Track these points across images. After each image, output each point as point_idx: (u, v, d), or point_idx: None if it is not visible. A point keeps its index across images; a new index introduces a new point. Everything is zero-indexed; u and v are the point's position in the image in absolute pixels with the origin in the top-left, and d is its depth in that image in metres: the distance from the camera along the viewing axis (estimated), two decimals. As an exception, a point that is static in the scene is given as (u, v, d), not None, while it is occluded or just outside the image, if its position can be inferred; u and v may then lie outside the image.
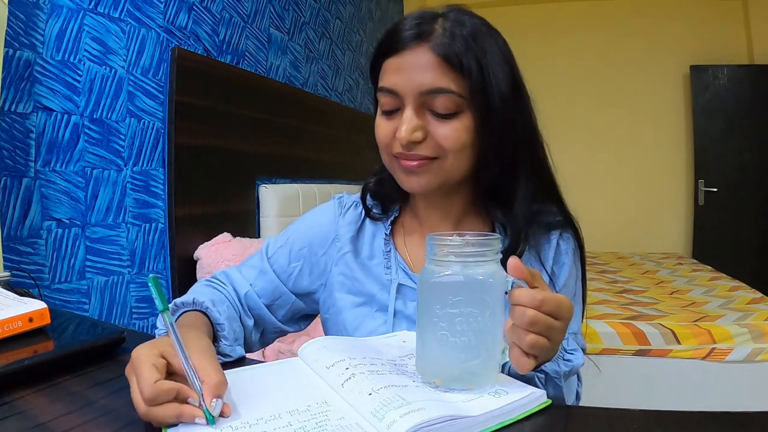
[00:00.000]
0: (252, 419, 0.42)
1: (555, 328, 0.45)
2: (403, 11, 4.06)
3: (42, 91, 1.23)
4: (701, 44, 3.73)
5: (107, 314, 1.41)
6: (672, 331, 1.79)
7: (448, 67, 0.57)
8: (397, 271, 0.68)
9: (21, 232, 1.19)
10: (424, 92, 0.57)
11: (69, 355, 0.57)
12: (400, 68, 0.58)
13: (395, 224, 0.73)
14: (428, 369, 0.47)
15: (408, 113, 0.58)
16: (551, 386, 0.54)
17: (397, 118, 0.60)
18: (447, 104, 0.57)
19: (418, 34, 0.58)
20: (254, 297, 0.72)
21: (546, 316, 0.44)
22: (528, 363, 0.45)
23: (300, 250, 0.73)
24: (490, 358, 0.46)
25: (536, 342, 0.44)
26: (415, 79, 0.57)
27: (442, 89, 0.57)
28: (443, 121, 0.58)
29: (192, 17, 1.72)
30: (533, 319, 0.44)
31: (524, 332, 0.44)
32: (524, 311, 0.44)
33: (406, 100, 0.59)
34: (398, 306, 0.67)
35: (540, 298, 0.44)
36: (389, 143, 0.62)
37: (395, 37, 0.59)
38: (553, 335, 0.46)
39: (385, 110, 0.62)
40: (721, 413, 0.44)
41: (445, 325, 0.44)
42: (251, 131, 1.98)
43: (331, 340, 0.57)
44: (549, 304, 0.44)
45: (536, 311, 0.44)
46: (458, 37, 0.57)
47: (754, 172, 3.61)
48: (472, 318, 0.44)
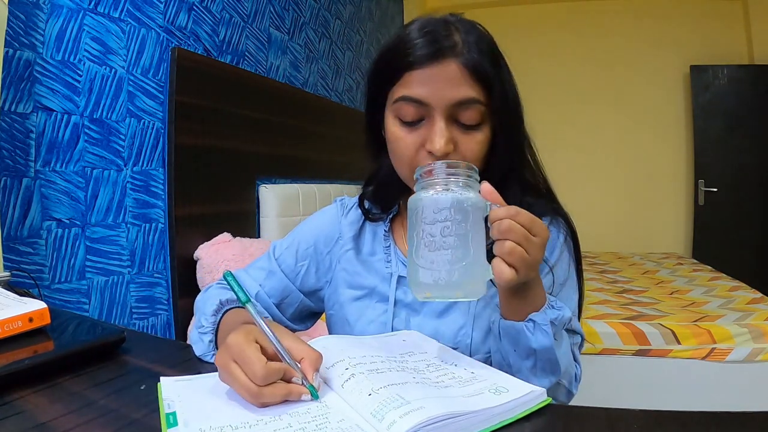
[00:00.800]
0: (252, 420, 0.42)
1: (531, 241, 0.49)
2: (403, 11, 4.06)
3: (42, 91, 1.23)
4: (701, 44, 3.73)
5: (107, 314, 1.41)
6: (672, 331, 1.79)
7: (476, 79, 0.59)
8: (396, 264, 0.71)
9: (21, 232, 1.19)
10: (455, 104, 0.59)
11: (69, 355, 0.57)
12: (431, 80, 0.58)
13: (394, 221, 0.76)
14: (418, 280, 0.49)
15: (440, 124, 0.59)
16: (540, 333, 0.54)
17: (419, 129, 0.61)
18: (474, 115, 0.60)
19: (443, 48, 0.58)
20: (264, 297, 0.74)
21: (520, 226, 0.48)
22: (509, 272, 0.48)
23: (306, 250, 0.76)
24: (476, 264, 0.48)
25: (514, 249, 0.48)
26: (447, 91, 0.58)
27: (473, 100, 0.59)
28: (468, 132, 0.60)
29: (192, 17, 1.72)
30: (509, 227, 0.48)
31: (502, 241, 0.48)
32: (500, 222, 0.48)
33: (435, 111, 0.59)
34: (398, 295, 0.69)
35: (514, 211, 0.49)
36: (413, 157, 0.61)
37: (416, 49, 0.59)
38: (531, 249, 0.49)
39: (407, 121, 0.61)
40: (721, 413, 0.44)
41: (433, 231, 0.48)
42: (251, 131, 1.98)
43: (331, 340, 0.58)
44: (523, 215, 0.49)
45: (511, 220, 0.48)
46: (480, 51, 0.59)
47: (754, 172, 3.60)
48: (456, 225, 0.48)
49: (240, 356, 0.45)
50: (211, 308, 0.63)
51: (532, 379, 0.55)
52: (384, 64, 0.63)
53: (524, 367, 0.56)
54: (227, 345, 0.46)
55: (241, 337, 0.46)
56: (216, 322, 0.62)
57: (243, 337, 0.46)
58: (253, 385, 0.43)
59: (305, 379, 0.45)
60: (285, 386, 0.45)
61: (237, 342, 0.46)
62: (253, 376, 0.43)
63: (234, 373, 0.45)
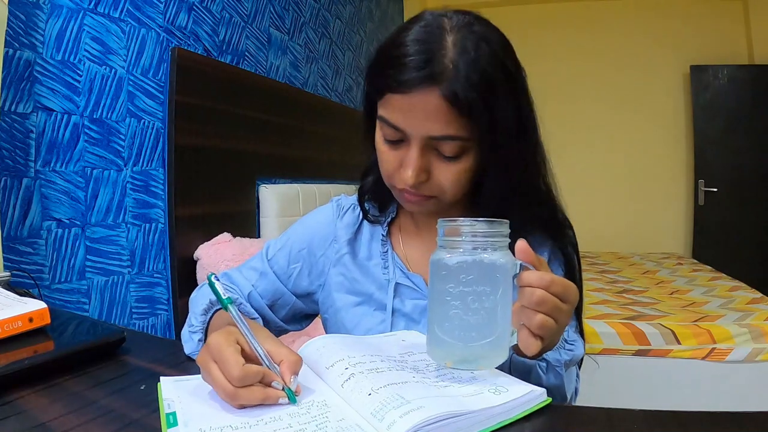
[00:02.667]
0: (252, 420, 0.42)
1: (562, 310, 0.46)
2: (403, 11, 4.06)
3: (42, 91, 1.23)
4: (701, 44, 3.72)
5: (107, 314, 1.41)
6: (672, 331, 1.79)
7: (458, 113, 0.54)
8: (394, 271, 0.69)
9: (21, 232, 1.19)
10: (431, 137, 0.56)
11: (69, 355, 0.57)
12: (409, 110, 0.55)
13: (392, 225, 0.74)
14: (439, 351, 0.47)
15: (413, 154, 0.57)
16: (552, 374, 0.54)
17: (401, 150, 0.59)
18: (453, 149, 0.57)
19: (428, 75, 0.53)
20: (257, 297, 0.73)
21: (554, 296, 0.45)
22: (535, 344, 0.45)
23: (299, 252, 0.74)
24: (501, 337, 0.46)
25: (544, 322, 0.45)
26: (424, 125, 0.55)
27: (450, 136, 0.55)
28: (447, 162, 0.58)
29: (192, 17, 1.72)
30: (542, 299, 0.44)
31: (533, 312, 0.45)
32: (533, 291, 0.44)
33: (412, 141, 0.57)
34: (396, 304, 0.68)
35: (548, 279, 0.45)
36: (392, 174, 0.61)
37: (401, 69, 0.54)
38: (560, 317, 0.46)
39: (388, 140, 0.60)
40: (721, 413, 0.44)
41: (458, 303, 0.45)
42: (251, 131, 1.98)
43: (330, 340, 0.57)
44: (557, 285, 0.45)
45: (544, 291, 0.44)
46: (468, 78, 0.53)
47: (754, 172, 3.60)
48: (484, 296, 0.45)
49: (219, 356, 0.45)
50: (201, 307, 0.63)
51: None
52: (374, 70, 0.60)
53: None
54: (208, 345, 0.46)
55: (221, 338, 0.46)
56: (206, 321, 0.62)
57: (224, 338, 0.46)
58: (229, 386, 0.43)
59: (284, 383, 0.45)
60: (262, 389, 0.44)
61: (217, 342, 0.46)
62: (230, 376, 0.43)
63: (213, 374, 0.44)
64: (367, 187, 0.73)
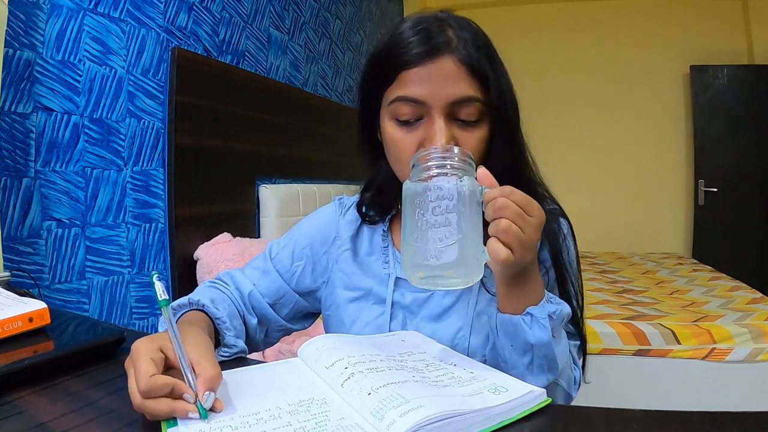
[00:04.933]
0: (252, 419, 0.42)
1: (527, 220, 0.48)
2: (403, 11, 4.06)
3: (42, 91, 1.23)
4: (701, 44, 3.72)
5: (107, 314, 1.41)
6: (672, 331, 1.79)
7: (473, 76, 0.58)
8: (394, 265, 0.70)
9: (21, 232, 1.19)
10: (454, 102, 0.58)
11: (69, 355, 0.57)
12: (428, 79, 0.58)
13: (393, 220, 0.74)
14: (411, 261, 0.49)
15: (440, 123, 0.58)
16: (537, 327, 0.53)
17: (418, 129, 0.60)
18: (473, 112, 0.59)
19: (438, 45, 0.57)
20: (258, 296, 0.73)
21: (515, 204, 0.47)
22: (505, 251, 0.47)
23: (302, 249, 0.75)
24: (469, 243, 0.47)
25: (509, 227, 0.47)
26: (445, 89, 0.57)
27: (471, 98, 0.58)
28: (467, 129, 0.60)
29: (192, 17, 1.72)
30: (503, 204, 0.47)
31: (497, 220, 0.47)
32: (495, 200, 0.48)
33: (434, 110, 0.58)
34: (396, 297, 0.68)
35: (509, 190, 0.48)
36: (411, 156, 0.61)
37: (410, 48, 0.58)
38: (527, 228, 0.48)
39: (404, 120, 0.60)
40: (721, 413, 0.44)
41: (428, 213, 0.48)
42: (251, 131, 1.98)
43: (330, 339, 0.57)
44: (517, 194, 0.48)
45: (505, 198, 0.47)
46: (476, 47, 0.59)
47: (754, 172, 3.60)
48: (452, 206, 0.47)
49: (135, 363, 0.44)
50: (179, 303, 0.63)
51: (528, 377, 0.54)
52: (377, 65, 0.62)
53: (520, 363, 0.55)
54: (131, 349, 0.46)
55: (144, 344, 0.45)
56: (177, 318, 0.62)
57: (146, 344, 0.45)
58: (137, 396, 0.42)
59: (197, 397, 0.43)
60: (169, 403, 0.42)
61: (136, 348, 0.45)
62: (138, 386, 0.42)
63: (129, 380, 0.44)
64: (367, 201, 0.74)
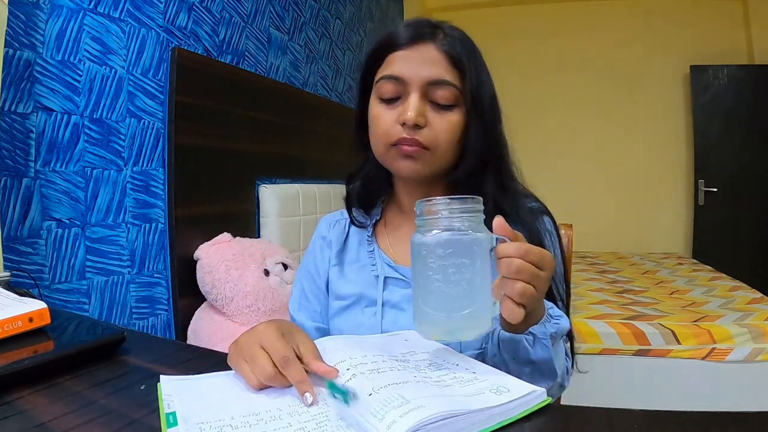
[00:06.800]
0: (252, 419, 0.42)
1: (540, 277, 0.49)
2: (403, 11, 4.06)
3: (42, 91, 1.23)
4: (701, 44, 3.72)
5: (107, 314, 1.41)
6: (672, 331, 1.79)
7: (452, 64, 0.65)
8: (382, 267, 0.73)
9: (21, 232, 1.19)
10: (430, 82, 0.64)
11: (69, 355, 0.57)
12: (409, 59, 0.65)
13: (377, 226, 0.79)
14: (425, 324, 0.49)
15: (414, 98, 0.64)
16: (539, 347, 0.56)
17: (398, 106, 0.66)
18: (447, 96, 0.64)
19: (423, 34, 0.65)
20: None
21: (531, 265, 0.48)
22: (518, 312, 0.48)
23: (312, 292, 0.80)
24: (482, 307, 0.48)
25: (525, 290, 0.47)
26: (424, 70, 0.64)
27: (446, 81, 0.64)
28: (441, 112, 0.65)
29: (192, 17, 1.72)
30: (520, 267, 0.47)
31: (512, 281, 0.48)
32: (511, 261, 0.47)
33: (411, 87, 0.64)
34: (385, 296, 0.72)
35: (525, 249, 0.48)
36: (389, 131, 0.66)
37: (400, 35, 0.66)
38: (539, 284, 0.49)
39: (386, 98, 0.66)
40: (721, 413, 0.44)
41: (439, 276, 0.47)
42: (251, 131, 1.98)
43: (332, 341, 0.57)
44: (533, 253, 0.48)
45: (522, 260, 0.47)
46: (459, 42, 0.66)
47: (754, 172, 3.60)
48: (463, 268, 0.47)
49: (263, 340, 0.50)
50: None
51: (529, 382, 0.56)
52: (372, 55, 0.69)
53: (522, 372, 0.57)
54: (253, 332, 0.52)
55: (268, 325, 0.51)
56: None
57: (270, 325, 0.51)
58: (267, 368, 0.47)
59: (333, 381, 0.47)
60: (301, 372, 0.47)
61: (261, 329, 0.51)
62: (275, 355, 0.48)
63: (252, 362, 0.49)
64: (355, 191, 0.79)
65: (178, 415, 0.43)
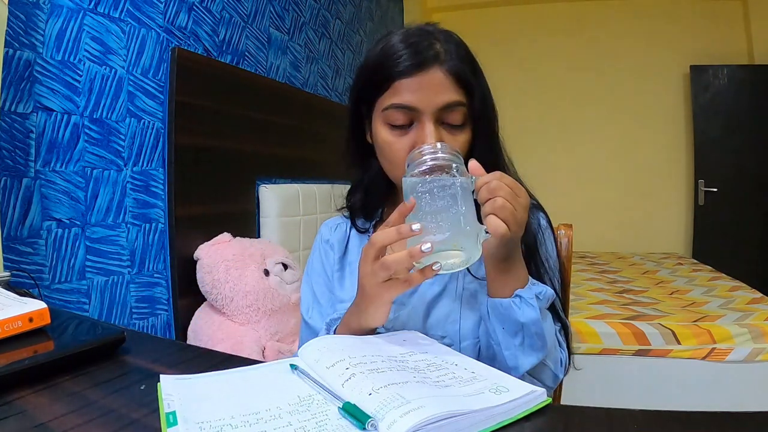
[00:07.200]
0: (252, 419, 0.42)
1: (517, 200, 0.54)
2: (403, 11, 4.06)
3: (42, 91, 1.23)
4: (701, 44, 3.72)
5: (107, 314, 1.41)
6: (672, 331, 1.79)
7: (459, 84, 0.65)
8: None
9: (21, 232, 1.19)
10: (442, 107, 0.64)
11: (69, 355, 0.57)
12: (419, 88, 0.64)
13: (377, 226, 0.80)
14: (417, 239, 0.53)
15: (429, 127, 0.64)
16: (526, 306, 0.59)
17: (409, 133, 0.66)
18: (458, 117, 0.65)
19: (428, 58, 0.64)
20: None
21: (506, 185, 0.54)
22: (503, 226, 0.53)
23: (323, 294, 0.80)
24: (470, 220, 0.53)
25: (504, 204, 0.53)
26: (435, 98, 0.64)
27: (457, 102, 0.65)
28: (453, 132, 0.66)
29: (192, 17, 1.72)
30: (497, 186, 0.54)
31: (492, 199, 0.54)
32: (488, 183, 0.54)
33: (424, 116, 0.64)
34: None
35: (499, 174, 0.55)
36: (405, 158, 0.65)
37: (401, 60, 0.64)
38: (518, 207, 0.54)
39: (397, 125, 0.66)
40: (721, 413, 0.44)
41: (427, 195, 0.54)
42: (251, 131, 1.98)
43: (331, 340, 0.57)
44: (507, 177, 0.55)
45: (498, 180, 0.54)
46: (460, 58, 0.66)
47: (754, 172, 3.60)
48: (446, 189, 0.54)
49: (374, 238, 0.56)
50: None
51: (520, 357, 0.60)
52: (371, 74, 0.68)
53: (512, 344, 0.60)
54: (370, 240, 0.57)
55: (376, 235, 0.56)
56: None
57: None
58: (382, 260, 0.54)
59: None
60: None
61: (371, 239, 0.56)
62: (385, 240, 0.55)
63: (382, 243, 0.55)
64: (357, 202, 0.80)
65: (178, 415, 0.43)
